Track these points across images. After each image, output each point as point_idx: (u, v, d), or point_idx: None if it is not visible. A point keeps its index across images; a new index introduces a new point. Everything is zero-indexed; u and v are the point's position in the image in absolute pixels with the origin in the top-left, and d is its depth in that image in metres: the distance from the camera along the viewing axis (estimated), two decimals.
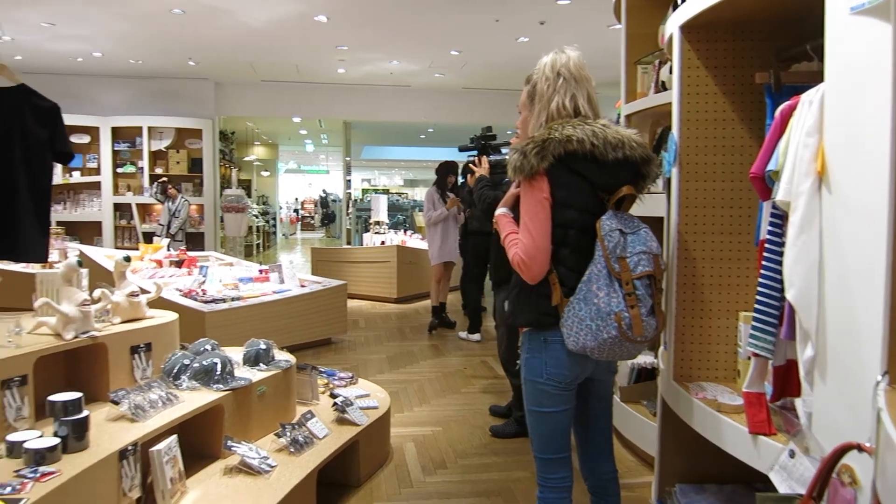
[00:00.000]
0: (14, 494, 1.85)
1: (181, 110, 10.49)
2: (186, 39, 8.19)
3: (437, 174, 7.03)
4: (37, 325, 2.58)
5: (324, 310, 6.16)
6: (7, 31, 7.96)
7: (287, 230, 24.43)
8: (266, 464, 2.75)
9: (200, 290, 5.66)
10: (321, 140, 18.36)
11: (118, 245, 10.23)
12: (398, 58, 9.20)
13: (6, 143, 2.94)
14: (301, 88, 11.02)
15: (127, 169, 10.42)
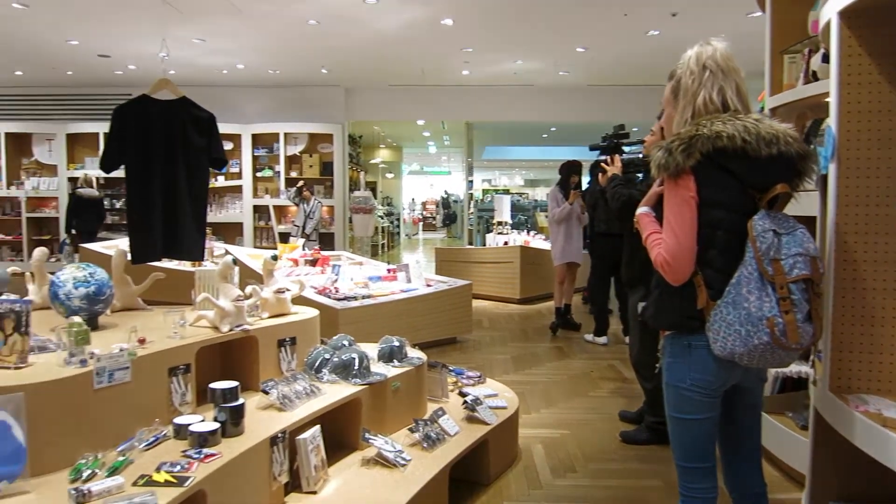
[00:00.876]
0: (183, 472, 2.03)
1: (314, 116, 11.03)
2: (320, 49, 8.60)
3: (560, 173, 6.95)
4: (197, 319, 2.81)
5: (449, 309, 6.26)
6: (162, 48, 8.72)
7: (409, 231, 25.03)
8: (401, 457, 2.83)
9: (333, 288, 5.92)
10: (443, 142, 18.67)
11: (256, 245, 10.91)
12: (522, 57, 9.18)
13: (170, 151, 3.22)
14: (426, 91, 11.25)
15: (265, 173, 11.10)
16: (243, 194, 11.00)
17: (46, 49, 8.85)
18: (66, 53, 9.07)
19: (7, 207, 11.63)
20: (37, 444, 1.97)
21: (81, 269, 2.66)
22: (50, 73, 10.44)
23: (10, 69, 10.29)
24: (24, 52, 9.02)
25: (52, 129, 11.38)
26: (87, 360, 2.16)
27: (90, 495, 1.84)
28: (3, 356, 2.12)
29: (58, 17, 7.40)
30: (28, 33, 8.06)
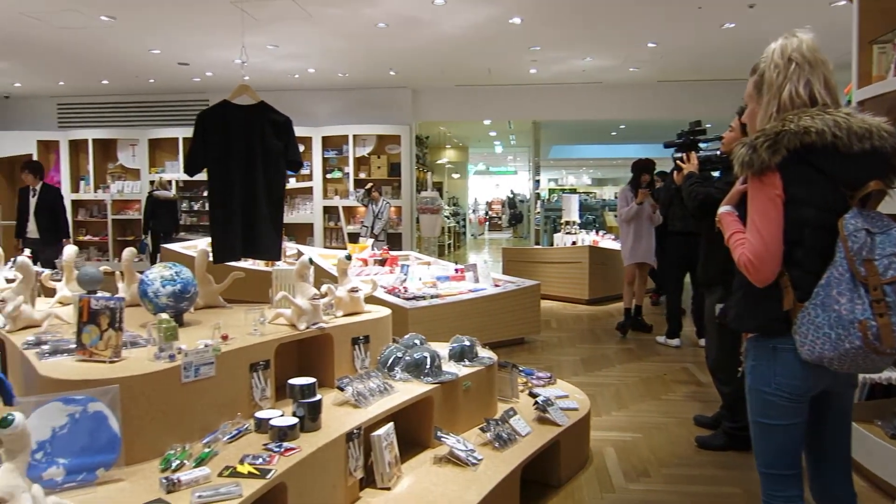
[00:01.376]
0: (265, 465, 2.09)
1: (382, 118, 11.19)
2: (388, 51, 8.72)
3: (632, 172, 6.81)
4: (275, 316, 2.89)
5: (517, 309, 6.23)
6: (237, 54, 9.02)
7: (475, 231, 25.05)
8: (473, 456, 2.84)
9: (402, 288, 5.98)
10: (510, 141, 18.60)
11: (326, 245, 11.16)
12: (592, 54, 9.05)
13: (249, 154, 3.33)
14: (492, 91, 11.25)
15: (334, 175, 11.33)
16: (314, 195, 11.26)
17: (131, 59, 9.29)
18: (149, 62, 9.50)
19: (94, 210, 12.29)
20: (129, 435, 2.08)
21: (168, 268, 2.79)
22: (133, 81, 10.96)
23: (97, 79, 10.87)
24: (110, 62, 9.51)
25: (136, 134, 11.96)
26: (176, 356, 2.26)
27: (179, 484, 1.93)
28: (99, 350, 2.25)
29: (141, 29, 7.76)
30: (114, 44, 8.49)
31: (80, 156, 12.20)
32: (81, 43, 8.42)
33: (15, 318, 2.75)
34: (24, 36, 8.04)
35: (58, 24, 7.47)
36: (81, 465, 1.94)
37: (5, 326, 2.77)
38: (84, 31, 7.80)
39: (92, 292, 2.90)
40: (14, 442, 1.63)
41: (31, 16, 7.18)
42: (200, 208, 11.77)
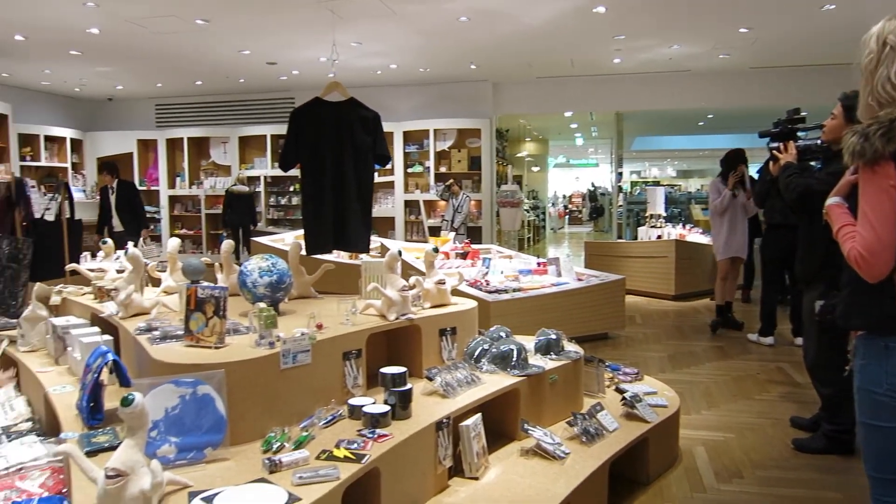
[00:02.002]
0: (360, 450, 2.16)
1: (462, 112, 11.23)
2: (469, 45, 8.74)
3: (722, 164, 6.56)
4: (365, 307, 2.97)
5: (601, 304, 6.14)
6: (324, 52, 9.25)
7: (555, 224, 24.79)
8: (560, 450, 2.83)
9: (484, 281, 6.00)
10: (591, 133, 18.29)
11: (407, 238, 11.31)
12: (679, 41, 8.77)
13: (340, 149, 3.43)
14: (574, 82, 11.08)
15: (415, 169, 11.46)
16: (395, 190, 11.43)
17: (222, 60, 9.69)
18: (239, 63, 9.88)
19: (189, 205, 12.92)
20: (233, 417, 2.18)
21: (265, 259, 2.91)
22: (224, 81, 11.43)
23: (191, 80, 11.40)
24: (204, 63, 9.95)
25: (227, 132, 12.48)
26: (275, 343, 2.36)
27: (281, 465, 2.02)
28: (205, 336, 2.37)
29: (233, 31, 8.09)
30: (208, 47, 8.88)
31: (176, 153, 12.84)
32: (178, 46, 8.85)
33: (127, 305, 2.94)
34: (126, 42, 8.53)
35: (157, 29, 7.88)
36: (191, 443, 2.06)
37: (118, 313, 2.97)
38: (180, 35, 8.20)
39: (196, 282, 3.06)
40: (134, 420, 1.75)
41: (133, 22, 7.60)
42: (286, 203, 12.17)
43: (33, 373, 3.20)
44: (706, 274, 8.59)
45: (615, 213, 14.04)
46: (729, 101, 10.94)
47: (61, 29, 7.96)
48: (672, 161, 28.21)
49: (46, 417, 2.99)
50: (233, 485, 1.94)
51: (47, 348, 3.48)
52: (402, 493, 2.30)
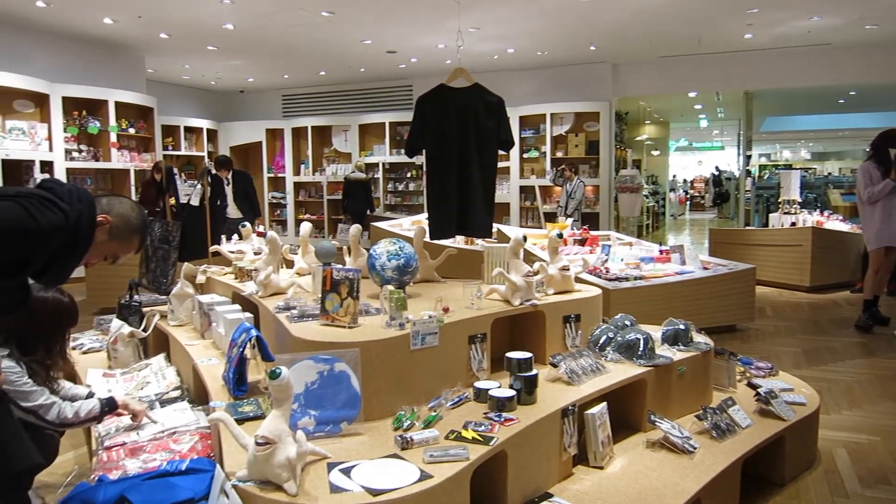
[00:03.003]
0: (487, 432, 2.19)
1: (580, 95, 11.00)
2: (590, 26, 8.53)
3: (874, 147, 6.01)
4: (490, 292, 2.99)
5: (729, 294, 5.85)
6: (442, 40, 9.35)
7: (675, 210, 23.82)
8: (689, 444, 2.73)
9: (604, 268, 5.87)
10: (717, 114, 17.36)
11: (522, 224, 11.27)
12: (820, 12, 8.13)
13: (464, 135, 3.45)
14: (700, 61, 10.56)
15: (531, 154, 11.37)
16: (511, 175, 11.40)
17: (345, 50, 10.02)
18: (361, 52, 10.18)
19: (312, 191, 13.51)
20: (366, 394, 2.27)
21: (393, 243, 2.99)
22: (347, 71, 11.82)
23: (315, 70, 11.88)
24: (327, 54, 10.33)
25: (347, 121, 12.92)
26: (405, 325, 2.43)
27: (412, 442, 2.08)
28: (339, 316, 2.48)
29: (356, 22, 8.33)
30: (331, 37, 9.21)
31: (301, 141, 13.45)
32: (304, 38, 9.24)
33: (265, 285, 3.12)
34: (258, 36, 9.01)
35: (286, 22, 8.26)
36: (328, 417, 2.17)
37: (258, 292, 3.16)
38: (307, 27, 8.55)
39: (327, 264, 3.21)
40: (281, 392, 1.86)
41: (265, 17, 8.01)
42: (404, 188, 12.45)
43: (182, 345, 3.47)
44: (847, 265, 7.97)
45: (742, 199, 13.28)
46: (877, 76, 10.03)
47: (200, 26, 8.52)
48: (806, 143, 26.25)
49: (194, 386, 3.24)
50: (368, 459, 2.02)
51: (194, 323, 3.77)
52: (528, 477, 2.31)
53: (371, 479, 1.87)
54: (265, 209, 13.61)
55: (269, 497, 1.79)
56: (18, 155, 8.20)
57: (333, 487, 1.83)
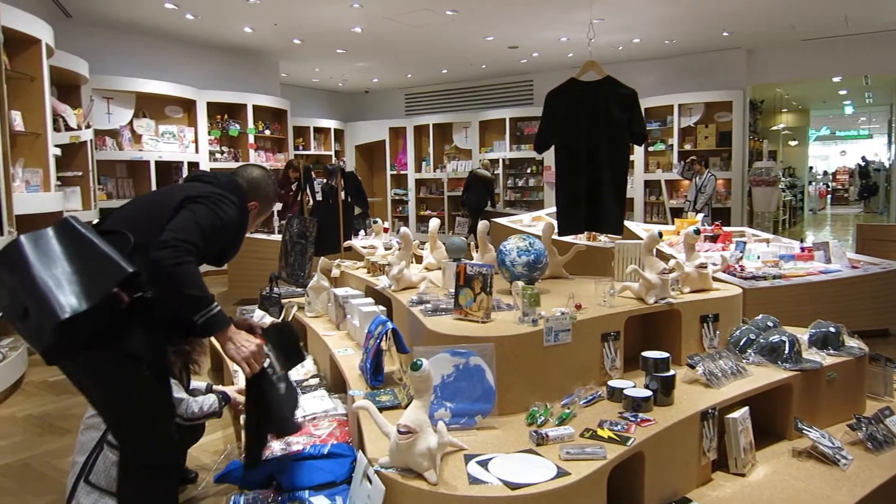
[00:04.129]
0: (623, 432, 2.15)
1: (710, 84, 10.47)
2: (723, 10, 8.10)
3: None
4: (622, 289, 2.93)
5: (881, 295, 5.37)
6: (565, 33, 9.22)
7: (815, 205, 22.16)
8: (841, 454, 2.55)
9: (738, 267, 5.57)
10: (865, 100, 15.97)
11: (647, 220, 10.89)
12: None
13: (596, 129, 3.40)
14: (848, 43, 9.74)
15: (657, 147, 10.97)
16: (635, 169, 11.05)
17: (467, 47, 10.11)
18: (483, 49, 10.23)
19: (433, 187, 13.76)
20: (500, 389, 2.30)
21: (523, 239, 3.00)
22: (468, 68, 11.93)
23: (438, 69, 12.07)
24: (450, 52, 10.47)
25: (468, 117, 13.03)
26: (538, 321, 2.43)
27: (547, 439, 2.08)
28: (473, 311, 2.52)
29: (479, 19, 8.38)
30: (454, 36, 9.32)
31: (423, 139, 13.73)
32: (427, 37, 9.42)
33: (398, 279, 3.23)
34: (384, 37, 9.28)
35: (411, 23, 8.45)
36: (463, 410, 2.21)
37: (391, 286, 3.27)
38: (431, 26, 8.71)
39: (457, 260, 3.27)
40: (421, 383, 1.92)
41: (391, 18, 8.24)
42: (523, 184, 12.40)
43: (319, 336, 3.66)
44: None
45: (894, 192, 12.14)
46: None
47: (330, 30, 8.90)
48: None
49: (331, 375, 3.41)
50: (503, 452, 2.05)
51: (329, 315, 3.96)
52: (665, 480, 2.24)
53: (508, 472, 1.89)
54: (388, 206, 14.03)
55: (411, 484, 1.86)
56: (169, 156, 8.94)
57: (472, 479, 1.87)
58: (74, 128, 6.50)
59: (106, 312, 1.78)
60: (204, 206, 2.00)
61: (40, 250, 1.79)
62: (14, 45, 5.25)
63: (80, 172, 6.88)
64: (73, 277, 1.74)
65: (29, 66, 5.48)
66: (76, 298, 1.71)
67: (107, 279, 1.75)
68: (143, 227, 1.97)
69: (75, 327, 1.71)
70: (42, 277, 1.73)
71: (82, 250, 1.81)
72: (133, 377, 1.92)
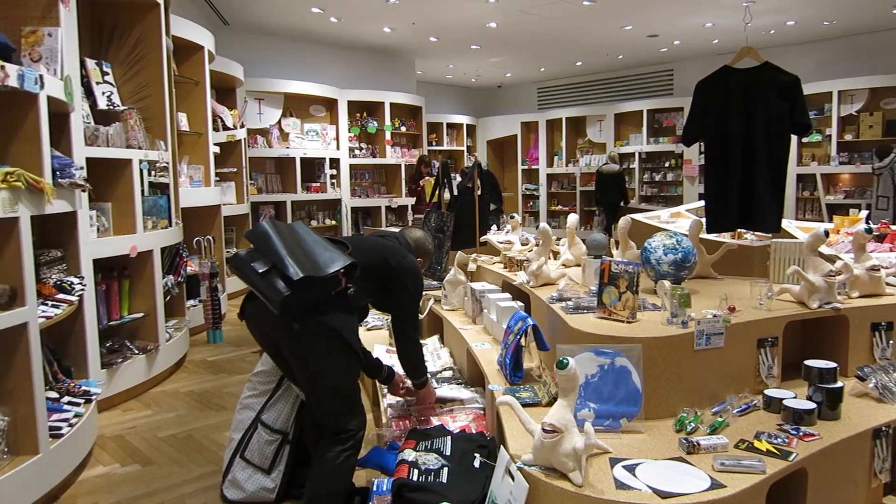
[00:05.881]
0: (784, 446, 2.00)
1: (877, 67, 9.52)
2: None
3: None
4: (780, 291, 2.72)
5: None
6: (710, 18, 8.73)
7: None
8: None
9: None
10: None
11: (798, 216, 10.11)
12: None
13: (749, 119, 3.18)
14: None
15: (813, 138, 10.13)
16: None
17: (604, 38, 9.84)
18: (620, 39, 9.92)
19: (565, 182, 13.55)
20: (646, 392, 2.21)
21: (670, 237, 2.86)
22: (604, 59, 11.62)
23: (572, 61, 11.85)
24: (585, 43, 10.25)
25: (602, 110, 12.69)
26: (687, 322, 2.31)
27: (698, 447, 1.98)
28: (617, 310, 2.44)
29: (617, 8, 8.13)
30: (591, 27, 9.10)
31: (555, 133, 13.54)
32: (563, 30, 9.26)
33: (537, 275, 3.20)
34: (519, 31, 9.23)
35: (547, 15, 8.34)
36: (607, 411, 2.15)
37: (529, 282, 3.24)
38: (567, 18, 8.55)
39: (598, 256, 3.18)
40: (567, 382, 1.88)
41: (527, 12, 8.18)
42: (661, 179, 11.90)
43: (456, 329, 3.70)
44: None
45: None
46: None
47: (466, 26, 8.98)
48: None
49: (467, 368, 3.44)
50: (650, 458, 1.97)
51: (465, 309, 4.00)
52: (830, 501, 2.06)
53: (657, 479, 1.81)
54: (518, 201, 13.99)
55: (555, 484, 1.83)
56: (313, 153, 9.42)
57: (618, 483, 1.81)
58: (231, 127, 7.01)
59: (330, 285, 2.27)
60: (415, 284, 2.79)
61: (282, 233, 2.31)
62: (181, 53, 5.73)
63: (235, 168, 7.41)
64: (311, 256, 2.27)
65: (193, 71, 5.97)
66: (310, 268, 2.21)
67: (338, 262, 2.28)
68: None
69: (303, 289, 2.18)
70: (289, 248, 2.25)
71: (318, 241, 2.37)
72: (336, 348, 2.32)
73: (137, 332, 4.18)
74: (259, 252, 2.27)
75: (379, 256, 2.69)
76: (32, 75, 2.60)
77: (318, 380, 2.37)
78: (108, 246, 3.75)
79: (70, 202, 3.09)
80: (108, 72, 4.15)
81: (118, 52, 4.37)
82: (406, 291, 2.75)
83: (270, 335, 2.48)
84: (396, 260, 2.72)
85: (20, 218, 2.51)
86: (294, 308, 2.22)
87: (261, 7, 7.97)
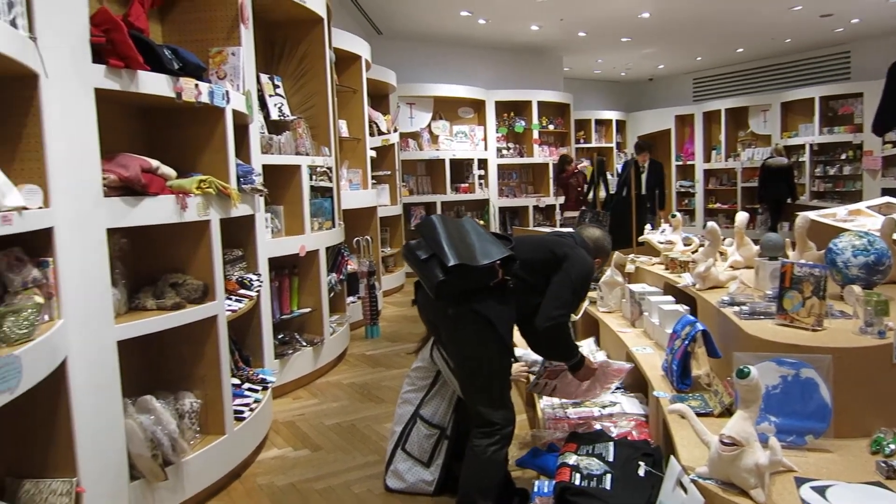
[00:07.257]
0: None
1: None
2: None
3: None
4: None
5: None
6: None
7: None
8: None
9: None
10: None
11: None
12: None
13: None
14: None
15: None
16: None
17: (769, 21, 9.16)
18: (788, 21, 9.19)
19: (724, 178, 12.75)
20: (835, 407, 2.00)
21: (860, 237, 2.60)
22: (768, 44, 10.81)
23: (732, 48, 11.14)
24: (748, 29, 9.59)
25: (767, 99, 11.80)
26: (885, 332, 2.08)
27: None
28: (801, 317, 2.25)
29: None
30: (755, 9, 8.50)
31: (713, 126, 12.78)
32: (724, 15, 8.73)
33: (704, 278, 3.02)
34: (673, 19, 8.82)
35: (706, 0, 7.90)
36: (791, 426, 1.98)
37: (695, 285, 3.07)
38: (727, 3, 8.05)
39: (773, 258, 2.96)
40: (749, 392, 1.76)
41: None
42: (836, 173, 10.85)
43: (614, 331, 3.60)
44: None
45: None
46: None
47: (616, 19, 8.73)
48: None
49: None
50: (842, 480, 1.79)
51: (623, 311, 3.87)
52: None
53: None
54: (673, 198, 13.37)
55: (735, 500, 1.71)
56: (462, 155, 9.58)
57: None
58: (385, 132, 7.30)
59: (485, 275, 2.34)
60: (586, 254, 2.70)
61: (448, 226, 2.44)
62: (340, 63, 6.05)
63: (389, 171, 7.71)
64: (470, 247, 2.37)
65: (352, 80, 6.28)
66: (466, 257, 2.31)
67: (495, 254, 2.36)
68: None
69: (457, 276, 2.28)
70: (451, 238, 2.36)
71: (482, 235, 2.47)
72: (486, 337, 2.37)
73: (305, 326, 4.47)
74: (425, 241, 2.41)
75: (547, 251, 2.65)
76: (220, 91, 2.85)
77: (467, 366, 2.44)
78: (281, 246, 4.04)
79: (250, 206, 3.36)
80: (279, 84, 4.47)
81: (287, 66, 4.70)
82: (565, 275, 2.56)
83: (433, 321, 2.62)
84: (564, 251, 2.63)
85: (211, 221, 2.76)
86: (449, 294, 2.34)
87: (412, 15, 8.23)
